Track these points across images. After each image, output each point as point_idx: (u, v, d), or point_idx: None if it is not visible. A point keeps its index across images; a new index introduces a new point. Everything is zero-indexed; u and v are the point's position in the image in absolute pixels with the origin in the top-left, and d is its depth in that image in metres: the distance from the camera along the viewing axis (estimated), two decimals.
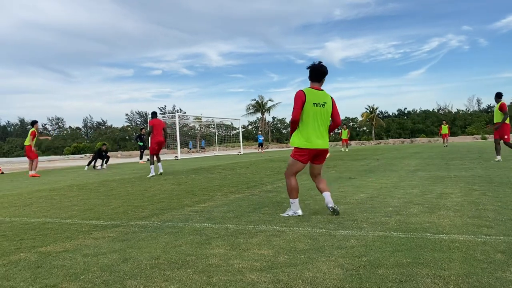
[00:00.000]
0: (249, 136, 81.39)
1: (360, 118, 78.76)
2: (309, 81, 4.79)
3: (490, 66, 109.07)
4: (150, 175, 11.53)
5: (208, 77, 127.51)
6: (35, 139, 14.91)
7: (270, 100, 74.59)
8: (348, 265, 2.86)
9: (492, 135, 13.30)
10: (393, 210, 4.84)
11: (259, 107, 74.66)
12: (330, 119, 4.81)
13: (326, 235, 3.77)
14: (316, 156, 4.80)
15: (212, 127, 47.28)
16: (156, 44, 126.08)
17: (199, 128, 63.44)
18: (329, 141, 5.36)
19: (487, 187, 6.43)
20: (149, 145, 12.14)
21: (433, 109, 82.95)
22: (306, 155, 4.70)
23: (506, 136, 11.65)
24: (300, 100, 4.59)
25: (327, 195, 4.71)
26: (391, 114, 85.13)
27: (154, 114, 12.38)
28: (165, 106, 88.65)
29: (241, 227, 4.26)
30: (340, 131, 31.49)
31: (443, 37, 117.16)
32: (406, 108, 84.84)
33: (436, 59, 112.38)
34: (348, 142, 31.22)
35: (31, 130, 15.05)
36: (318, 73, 4.70)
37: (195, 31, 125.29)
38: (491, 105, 77.63)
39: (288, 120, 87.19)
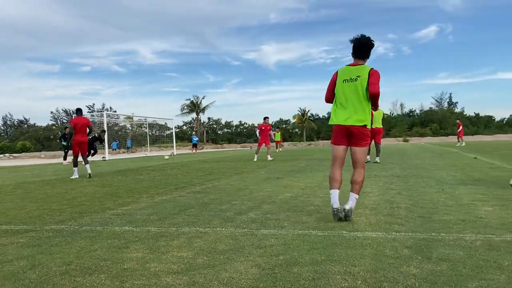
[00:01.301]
0: (184, 136, 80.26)
1: (292, 120, 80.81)
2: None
3: (413, 72, 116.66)
4: (73, 176, 10.95)
5: (141, 75, 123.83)
6: None
7: (203, 99, 74.22)
8: (265, 264, 2.89)
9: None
10: (314, 209, 4.99)
11: (194, 107, 73.93)
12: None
13: (248, 235, 3.80)
14: (349, 136, 4.38)
15: (144, 127, 46.06)
16: (85, 39, 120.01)
17: (130, 128, 61.47)
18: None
19: (403, 186, 6.84)
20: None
21: None
22: (335, 133, 4.47)
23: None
24: (330, 81, 4.51)
25: (350, 196, 4.38)
26: (321, 116, 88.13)
27: (78, 111, 11.71)
28: (94, 104, 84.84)
29: (163, 229, 4.17)
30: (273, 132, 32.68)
31: None
32: None
33: None
34: (281, 143, 32.09)
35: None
36: (354, 48, 4.40)
37: (127, 27, 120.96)
38: (413, 109, 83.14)
39: (223, 121, 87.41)
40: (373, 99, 4.35)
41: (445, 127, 71.81)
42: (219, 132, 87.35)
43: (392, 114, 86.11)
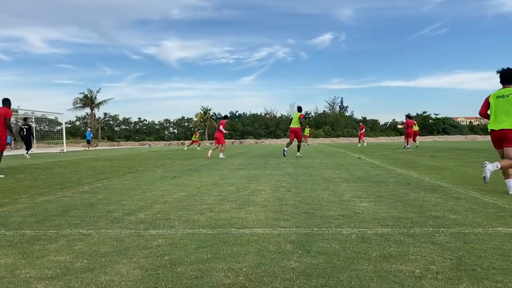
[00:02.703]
0: (77, 132, 75.21)
1: (195, 119, 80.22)
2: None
3: (309, 77, 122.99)
4: None
5: (29, 64, 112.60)
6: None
7: (98, 92, 70.32)
8: (149, 265, 2.82)
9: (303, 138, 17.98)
10: (207, 207, 5.01)
11: (88, 101, 69.60)
12: None
13: (135, 235, 3.68)
14: (500, 139, 5.80)
15: (31, 122, 42.17)
16: None
17: (15, 122, 55.87)
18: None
19: (293, 184, 7.18)
20: None
21: (261, 113, 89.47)
22: (492, 137, 5.96)
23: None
24: (484, 101, 6.08)
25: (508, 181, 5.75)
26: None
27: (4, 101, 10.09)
28: None
29: (41, 232, 3.85)
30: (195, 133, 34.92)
31: (271, 47, 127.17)
32: (237, 111, 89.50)
33: (265, 67, 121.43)
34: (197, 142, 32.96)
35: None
36: (500, 77, 5.89)
37: (13, 11, 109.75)
38: (309, 112, 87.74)
39: (121, 117, 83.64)
40: None
41: (337, 129, 76.92)
42: (116, 129, 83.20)
43: (290, 116, 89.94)
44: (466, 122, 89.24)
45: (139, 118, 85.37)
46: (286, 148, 17.01)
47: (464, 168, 9.69)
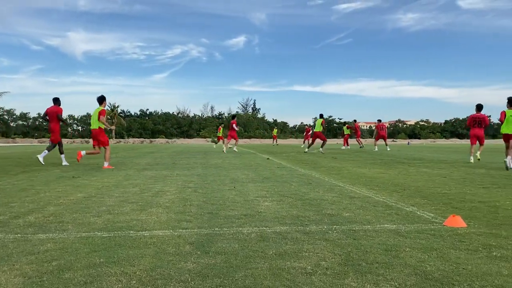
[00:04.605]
0: None
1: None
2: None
3: (223, 78, 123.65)
4: None
5: None
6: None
7: None
8: (33, 272, 2.61)
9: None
10: (106, 209, 4.78)
11: None
12: None
13: (20, 240, 3.38)
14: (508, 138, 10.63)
15: None
16: None
17: None
18: None
19: (200, 184, 7.14)
20: None
21: (173, 112, 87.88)
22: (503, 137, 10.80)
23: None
24: (501, 115, 10.85)
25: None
26: (133, 114, 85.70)
27: None
28: None
29: None
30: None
31: (185, 45, 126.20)
32: (148, 109, 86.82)
33: (178, 65, 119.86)
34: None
35: (99, 109, 11.21)
36: (508, 101, 10.81)
37: None
38: (222, 112, 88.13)
39: (18, 112, 76.65)
40: None
41: (249, 130, 78.20)
42: (12, 125, 75.98)
43: (203, 116, 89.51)
44: (367, 126, 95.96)
45: (38, 114, 78.95)
46: (307, 150, 20.54)
47: (360, 169, 10.40)
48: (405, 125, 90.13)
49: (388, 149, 24.36)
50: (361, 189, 6.55)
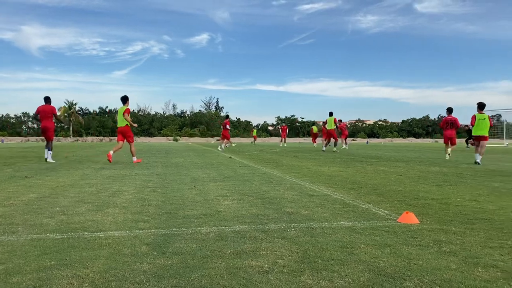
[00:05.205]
0: None
1: (58, 113, 73.80)
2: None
3: (186, 75, 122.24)
4: None
5: None
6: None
7: None
8: None
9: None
10: (60, 210, 4.61)
11: None
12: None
13: None
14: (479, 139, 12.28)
15: None
16: None
17: None
18: None
19: (160, 184, 7.03)
20: None
21: (133, 110, 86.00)
22: (475, 139, 12.49)
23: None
24: (472, 119, 12.33)
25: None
26: (92, 111, 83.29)
27: None
28: None
29: None
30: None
31: (146, 42, 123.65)
32: (107, 106, 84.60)
33: (139, 62, 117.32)
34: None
35: (124, 108, 11.98)
36: (478, 106, 12.41)
37: None
38: (184, 111, 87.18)
39: None
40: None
41: (212, 129, 77.79)
42: None
43: (164, 114, 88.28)
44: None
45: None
46: (324, 148, 20.89)
47: (320, 168, 10.58)
48: (364, 125, 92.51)
49: (347, 148, 25.12)
50: (320, 187, 6.66)
